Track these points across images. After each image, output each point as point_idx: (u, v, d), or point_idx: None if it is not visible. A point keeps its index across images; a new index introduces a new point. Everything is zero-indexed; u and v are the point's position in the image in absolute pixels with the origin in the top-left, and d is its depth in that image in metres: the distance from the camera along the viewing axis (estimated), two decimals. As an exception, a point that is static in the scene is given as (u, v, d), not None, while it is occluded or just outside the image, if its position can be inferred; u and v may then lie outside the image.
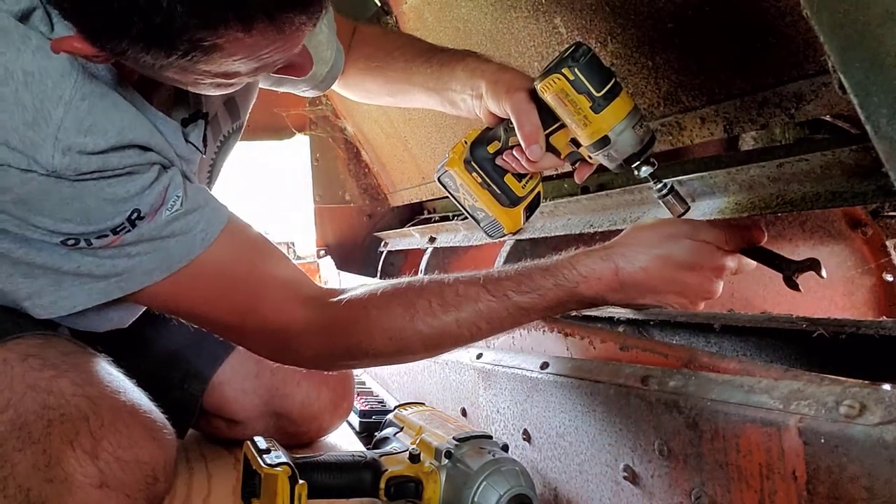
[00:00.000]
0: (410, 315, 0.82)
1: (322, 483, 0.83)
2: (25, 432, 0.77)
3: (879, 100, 0.48)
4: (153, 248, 0.78)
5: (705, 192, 0.90)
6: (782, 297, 1.30)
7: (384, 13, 1.47)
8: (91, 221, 0.74)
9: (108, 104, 0.72)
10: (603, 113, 0.81)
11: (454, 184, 0.98)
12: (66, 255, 0.77)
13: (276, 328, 0.84)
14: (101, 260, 0.78)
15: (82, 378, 0.84)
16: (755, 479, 0.57)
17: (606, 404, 0.77)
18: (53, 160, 0.70)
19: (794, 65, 0.76)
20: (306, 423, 1.19)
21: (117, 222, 0.75)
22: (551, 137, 0.89)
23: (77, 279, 0.79)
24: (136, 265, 0.78)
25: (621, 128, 0.82)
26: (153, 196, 0.76)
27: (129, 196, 0.74)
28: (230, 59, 0.65)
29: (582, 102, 0.81)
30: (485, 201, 0.97)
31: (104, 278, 0.79)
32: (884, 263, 1.33)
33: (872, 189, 0.68)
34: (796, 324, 0.74)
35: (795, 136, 1.18)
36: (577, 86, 0.81)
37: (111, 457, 0.79)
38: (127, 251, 0.77)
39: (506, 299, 0.81)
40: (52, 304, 0.81)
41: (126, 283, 0.80)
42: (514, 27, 1.14)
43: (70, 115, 0.69)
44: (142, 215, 0.76)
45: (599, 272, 0.80)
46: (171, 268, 0.80)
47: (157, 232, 0.77)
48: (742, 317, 0.80)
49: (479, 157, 0.96)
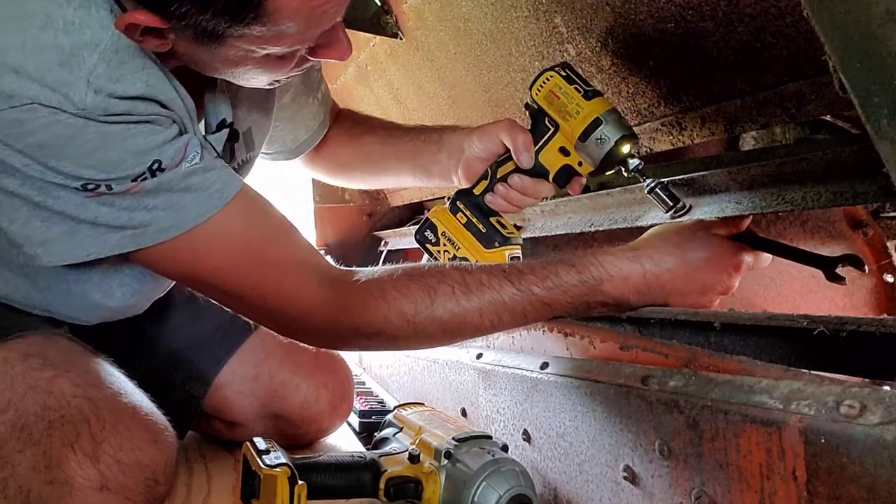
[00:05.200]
0: (431, 299, 0.80)
1: (321, 484, 0.83)
2: (26, 433, 0.77)
3: (879, 100, 0.48)
4: (170, 204, 0.77)
5: (706, 191, 0.90)
6: (783, 296, 1.30)
7: (384, 13, 1.46)
8: (113, 169, 0.74)
9: (139, 63, 0.75)
10: (593, 100, 0.87)
11: (435, 237, 0.98)
12: (84, 205, 0.76)
13: (289, 301, 0.82)
14: (119, 211, 0.76)
15: (83, 379, 0.84)
16: (755, 479, 0.57)
17: (606, 404, 0.77)
18: (86, 98, 0.71)
19: (794, 65, 0.75)
20: (306, 424, 1.19)
21: (138, 171, 0.75)
22: (541, 154, 0.92)
23: (93, 228, 0.77)
24: (152, 219, 0.77)
25: (609, 114, 0.86)
26: (174, 150, 0.76)
27: (150, 148, 0.75)
28: (283, 18, 0.67)
29: (573, 93, 0.87)
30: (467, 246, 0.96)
31: (120, 229, 0.78)
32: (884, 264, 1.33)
33: (874, 189, 0.68)
34: (797, 322, 0.74)
35: (796, 136, 1.18)
36: (568, 79, 0.88)
37: (112, 459, 0.79)
38: (145, 203, 0.76)
39: (529, 292, 0.80)
40: (64, 251, 0.79)
41: (140, 238, 0.78)
42: (514, 27, 1.14)
43: (103, 63, 0.72)
44: (162, 167, 0.75)
45: (627, 272, 0.80)
46: (185, 225, 0.78)
47: (175, 182, 0.77)
48: (743, 315, 0.80)
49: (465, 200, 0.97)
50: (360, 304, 0.81)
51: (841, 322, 0.71)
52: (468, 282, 0.80)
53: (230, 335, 1.18)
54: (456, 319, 0.80)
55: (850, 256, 0.80)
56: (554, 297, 0.80)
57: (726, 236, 0.85)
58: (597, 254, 0.82)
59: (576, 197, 1.10)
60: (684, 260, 0.81)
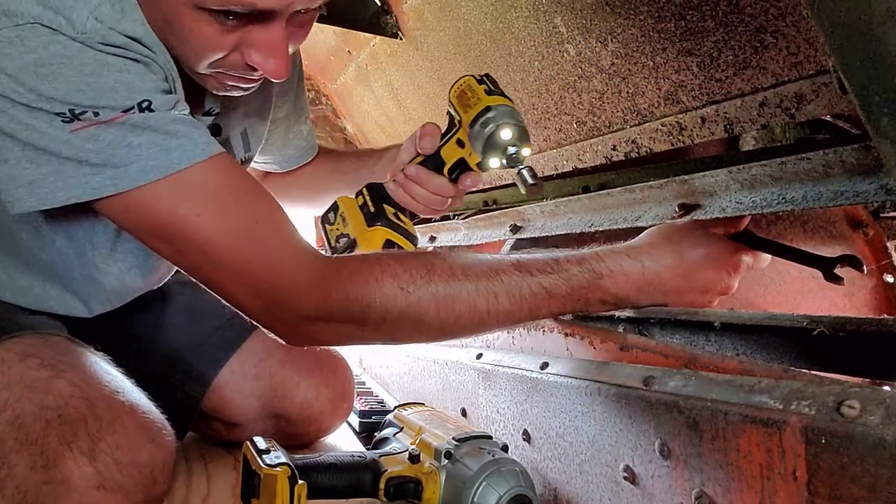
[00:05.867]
0: (427, 270, 0.78)
1: (321, 483, 0.83)
2: (23, 433, 0.77)
3: (880, 100, 0.48)
4: (154, 143, 0.75)
5: (706, 191, 0.90)
6: (783, 297, 1.30)
7: (384, 13, 1.46)
8: (103, 96, 0.74)
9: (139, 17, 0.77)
10: (493, 96, 0.91)
11: (334, 217, 1.00)
12: (69, 141, 0.73)
13: (272, 269, 0.77)
14: (102, 146, 0.74)
15: (81, 378, 0.84)
16: (755, 479, 0.57)
17: (606, 404, 0.77)
18: (87, 23, 0.73)
19: (794, 65, 0.75)
20: (306, 424, 1.19)
21: (128, 104, 0.74)
22: (443, 149, 0.96)
23: (77, 168, 0.74)
24: (135, 158, 0.74)
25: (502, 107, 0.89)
26: (164, 99, 0.76)
27: (144, 87, 0.76)
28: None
29: (479, 89, 0.92)
30: (354, 224, 0.98)
31: (101, 168, 0.74)
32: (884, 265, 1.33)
33: (874, 188, 0.68)
34: (797, 322, 0.74)
35: (796, 136, 1.18)
36: (480, 81, 0.93)
37: (109, 458, 0.78)
38: (129, 139, 0.74)
39: (529, 276, 0.79)
40: (49, 194, 0.76)
41: (121, 179, 0.74)
42: (514, 27, 1.14)
43: (107, 3, 0.75)
44: (152, 107, 0.75)
45: (626, 269, 0.80)
46: (169, 167, 0.75)
47: (162, 124, 0.75)
48: (743, 315, 0.80)
49: (371, 188, 1.00)
50: (352, 272, 0.77)
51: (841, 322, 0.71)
52: (466, 260, 0.80)
53: (230, 336, 1.17)
54: (451, 294, 0.77)
55: (848, 257, 0.80)
56: (554, 283, 0.79)
57: (725, 236, 0.85)
58: (597, 250, 0.82)
59: (576, 197, 1.10)
60: (682, 258, 0.82)
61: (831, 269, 0.80)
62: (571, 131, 1.16)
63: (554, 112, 1.17)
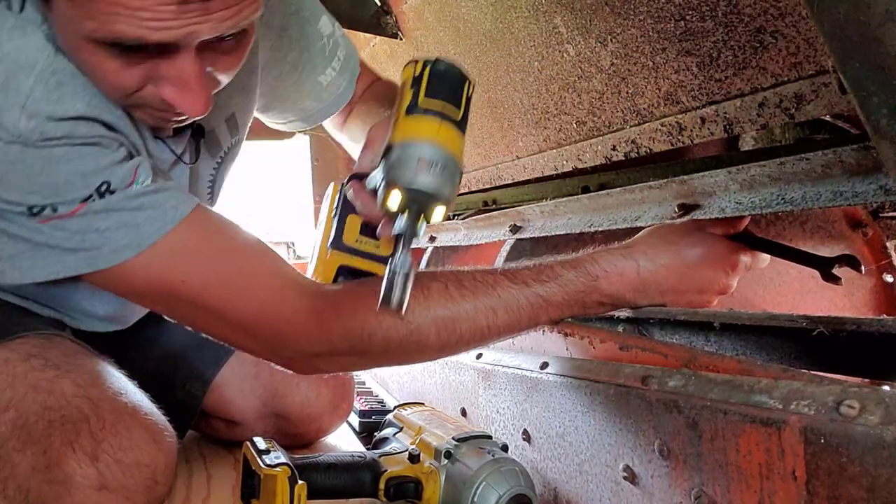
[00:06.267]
0: (424, 296, 0.77)
1: (321, 483, 0.83)
2: (26, 433, 0.77)
3: (879, 100, 0.48)
4: (122, 223, 0.73)
5: (705, 191, 0.90)
6: (783, 297, 1.30)
7: (384, 13, 1.46)
8: (59, 193, 0.71)
9: (79, 83, 0.72)
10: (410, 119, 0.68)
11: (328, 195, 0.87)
12: (37, 229, 0.73)
13: (270, 310, 0.77)
14: (70, 234, 0.73)
15: (84, 379, 0.84)
16: (755, 479, 0.57)
17: (606, 404, 0.77)
18: (19, 123, 0.68)
19: (794, 65, 0.75)
20: (306, 424, 1.19)
21: (85, 193, 0.72)
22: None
23: (51, 250, 0.74)
24: (106, 241, 0.73)
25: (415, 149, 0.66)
26: (123, 171, 0.73)
27: (98, 169, 0.72)
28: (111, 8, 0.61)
29: (406, 97, 0.70)
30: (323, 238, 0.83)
31: (73, 252, 0.74)
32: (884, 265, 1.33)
33: (874, 188, 0.68)
34: (797, 322, 0.74)
35: (795, 136, 1.18)
36: (415, 80, 0.70)
37: (111, 459, 0.78)
38: (96, 225, 0.73)
39: (525, 287, 0.79)
40: (30, 268, 0.76)
41: (95, 260, 0.74)
42: (514, 27, 1.14)
43: (40, 86, 0.69)
44: (111, 188, 0.72)
45: (621, 269, 0.80)
46: (141, 244, 0.74)
47: (126, 203, 0.73)
48: (742, 315, 0.81)
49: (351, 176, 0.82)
50: (350, 307, 0.77)
51: (841, 322, 0.71)
52: (461, 279, 0.79)
53: None
54: (451, 316, 0.78)
55: (847, 257, 0.80)
56: (551, 291, 0.79)
57: (723, 236, 0.85)
58: (591, 252, 0.82)
59: (576, 197, 1.10)
60: (679, 257, 0.81)
61: (829, 269, 0.80)
62: (571, 131, 1.16)
63: (554, 112, 1.17)
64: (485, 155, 1.42)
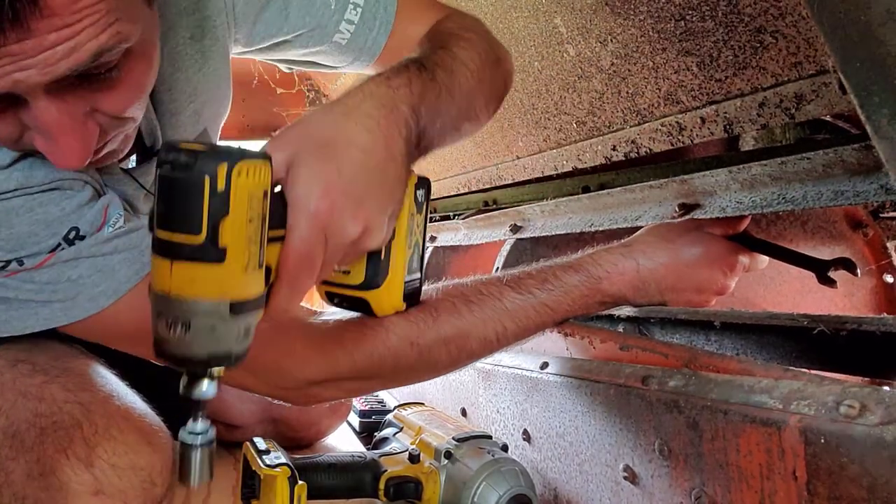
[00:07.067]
0: (433, 318, 0.76)
1: (321, 484, 0.83)
2: (18, 441, 0.76)
3: (880, 100, 0.48)
4: (96, 269, 0.69)
5: (706, 191, 0.90)
6: (783, 296, 1.30)
7: (384, 13, 1.46)
8: (23, 246, 0.67)
9: None
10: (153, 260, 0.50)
11: None
12: (4, 284, 0.69)
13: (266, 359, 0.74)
14: (40, 286, 0.69)
15: (74, 383, 0.82)
16: (755, 479, 0.57)
17: (606, 404, 0.77)
18: None
19: (795, 65, 0.75)
20: (304, 428, 1.19)
21: (52, 244, 0.67)
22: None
23: (24, 304, 0.71)
24: (80, 290, 0.69)
25: (157, 307, 0.51)
26: (92, 213, 0.68)
27: (64, 214, 0.67)
28: None
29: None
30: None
31: (47, 304, 0.70)
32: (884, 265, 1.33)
33: (874, 188, 0.68)
34: (797, 321, 0.74)
35: (796, 136, 1.18)
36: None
37: (106, 464, 0.78)
38: (67, 274, 0.69)
39: (530, 296, 0.79)
40: (6, 322, 0.73)
41: (71, 310, 0.71)
42: (514, 27, 1.14)
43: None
44: (81, 234, 0.68)
45: (622, 268, 0.81)
46: (119, 290, 0.70)
47: (97, 248, 0.69)
48: (743, 314, 0.81)
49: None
50: (356, 337, 0.75)
51: (841, 321, 0.71)
52: (467, 293, 0.78)
53: None
54: (460, 334, 0.77)
55: (843, 260, 0.80)
56: (555, 298, 0.80)
57: (721, 236, 0.85)
58: (591, 253, 0.83)
59: (576, 197, 1.10)
60: (677, 255, 0.82)
61: (825, 271, 0.80)
62: (571, 131, 1.16)
63: (554, 112, 1.17)
64: (485, 155, 1.42)
